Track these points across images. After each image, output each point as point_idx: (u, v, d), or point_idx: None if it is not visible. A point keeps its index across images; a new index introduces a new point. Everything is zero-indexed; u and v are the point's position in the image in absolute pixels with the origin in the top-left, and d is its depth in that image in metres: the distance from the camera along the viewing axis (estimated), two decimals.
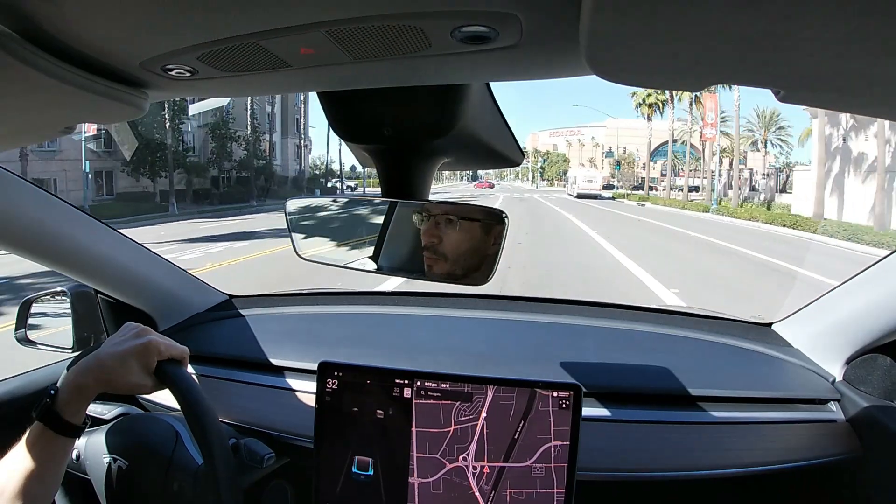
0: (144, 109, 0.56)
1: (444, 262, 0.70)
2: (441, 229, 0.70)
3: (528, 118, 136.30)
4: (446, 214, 0.70)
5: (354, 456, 0.86)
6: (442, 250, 0.70)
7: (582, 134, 76.49)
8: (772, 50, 0.33)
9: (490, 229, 0.68)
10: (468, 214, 0.71)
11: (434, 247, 0.70)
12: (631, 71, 0.40)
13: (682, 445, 0.91)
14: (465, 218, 0.70)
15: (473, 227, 0.70)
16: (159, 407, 1.07)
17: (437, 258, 0.70)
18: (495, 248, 0.66)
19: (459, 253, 0.70)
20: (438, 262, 0.70)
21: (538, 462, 0.82)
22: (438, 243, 0.70)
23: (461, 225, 0.70)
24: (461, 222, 0.70)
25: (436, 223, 0.70)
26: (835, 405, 0.96)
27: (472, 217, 0.71)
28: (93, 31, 0.41)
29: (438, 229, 0.70)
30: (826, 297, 1.03)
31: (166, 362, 0.76)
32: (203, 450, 0.72)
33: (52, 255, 0.98)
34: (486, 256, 0.68)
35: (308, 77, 0.52)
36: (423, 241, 0.71)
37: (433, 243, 0.70)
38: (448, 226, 0.70)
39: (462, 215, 0.70)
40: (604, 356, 1.08)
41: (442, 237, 0.70)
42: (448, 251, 0.70)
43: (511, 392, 0.83)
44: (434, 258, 0.70)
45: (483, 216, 0.69)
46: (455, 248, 0.70)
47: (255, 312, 1.29)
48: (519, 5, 0.36)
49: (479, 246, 0.69)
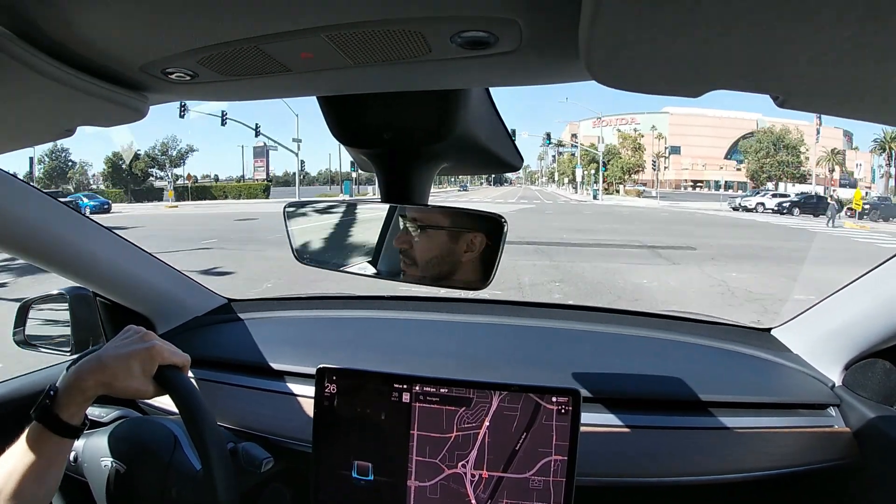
0: (144, 113, 0.56)
1: (416, 268, 0.70)
2: (411, 235, 0.70)
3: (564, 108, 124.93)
4: (414, 220, 0.70)
5: (354, 460, 0.86)
6: (412, 255, 0.70)
7: (638, 122, 58.26)
8: (771, 56, 0.33)
9: (461, 235, 0.68)
10: (424, 215, 0.70)
11: (406, 252, 0.70)
12: (630, 77, 0.40)
13: (681, 450, 0.90)
14: (433, 226, 0.70)
15: (440, 234, 0.70)
16: (157, 410, 1.07)
17: (409, 262, 0.70)
18: (493, 253, 0.65)
19: (428, 260, 0.70)
20: (410, 267, 0.70)
21: (537, 475, 0.81)
22: (409, 248, 0.70)
23: (428, 232, 0.70)
24: (428, 230, 0.70)
25: (407, 230, 0.70)
26: (834, 410, 0.96)
27: (462, 225, 0.69)
28: (93, 33, 0.42)
29: (408, 235, 0.69)
30: (825, 302, 1.03)
31: (167, 368, 0.76)
32: (202, 458, 0.72)
33: (50, 257, 0.98)
34: (457, 262, 0.68)
35: (308, 81, 0.52)
36: (395, 244, 0.71)
37: (405, 248, 0.70)
38: (420, 232, 0.70)
39: (418, 217, 0.70)
40: (603, 361, 1.07)
41: (412, 243, 0.70)
42: (418, 254, 0.70)
43: (516, 402, 0.82)
44: (407, 262, 0.70)
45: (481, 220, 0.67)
46: (423, 254, 0.70)
47: (254, 316, 1.29)
48: (518, 11, 0.36)
49: (448, 253, 0.69)
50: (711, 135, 53.49)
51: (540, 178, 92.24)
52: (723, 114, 49.63)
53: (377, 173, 0.71)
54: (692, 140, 56.21)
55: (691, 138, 56.50)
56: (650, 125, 56.54)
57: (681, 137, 57.11)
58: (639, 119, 58.27)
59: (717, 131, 51.84)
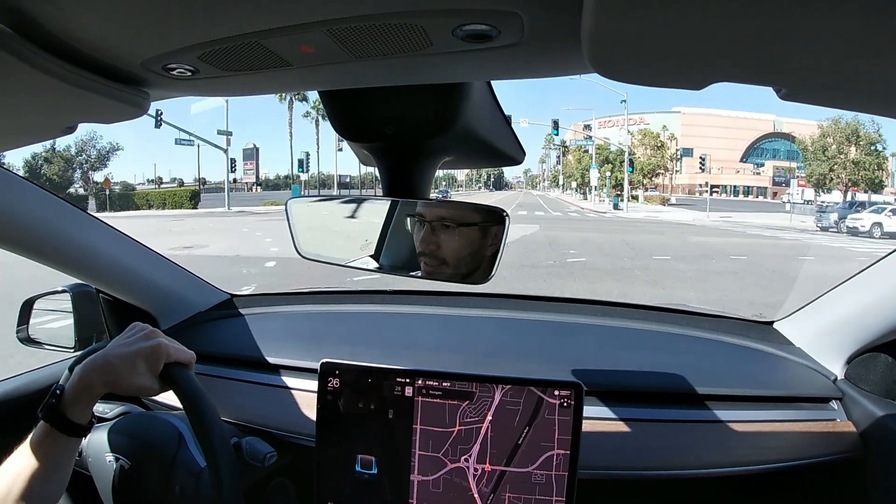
0: (145, 109, 0.56)
1: (447, 267, 0.69)
2: (438, 235, 0.68)
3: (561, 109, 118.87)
4: (442, 220, 0.69)
5: (357, 454, 0.86)
6: (441, 255, 0.69)
7: (647, 122, 53.27)
8: (774, 48, 0.33)
9: (488, 229, 0.67)
10: (467, 218, 0.70)
11: (433, 252, 0.69)
12: (632, 69, 0.39)
13: (683, 444, 0.91)
14: (464, 224, 0.69)
15: (472, 231, 0.69)
16: (161, 406, 1.08)
17: (438, 263, 0.69)
18: (495, 248, 0.66)
19: (460, 258, 0.69)
20: (440, 267, 0.69)
21: (539, 469, 0.82)
22: (437, 249, 0.69)
23: (459, 230, 0.69)
24: (459, 228, 0.69)
25: (432, 229, 0.69)
26: (836, 404, 0.96)
27: (470, 221, 0.69)
28: (94, 30, 0.41)
29: (436, 235, 0.69)
30: (827, 295, 1.02)
31: (173, 365, 0.75)
32: (207, 457, 0.72)
33: (53, 254, 0.98)
34: (485, 257, 0.67)
35: (309, 76, 0.52)
36: (421, 247, 0.70)
37: (431, 250, 0.69)
38: (445, 231, 0.69)
39: (460, 221, 0.69)
40: (606, 355, 1.08)
41: (440, 244, 0.69)
42: (448, 256, 0.69)
43: (518, 396, 0.83)
44: (435, 263, 0.69)
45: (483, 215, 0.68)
46: (455, 253, 0.69)
47: (256, 311, 1.29)
48: (520, 4, 0.36)
49: (479, 249, 0.68)
50: (725, 136, 49.86)
51: (541, 182, 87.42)
52: (736, 114, 45.72)
53: (379, 167, 0.71)
54: (705, 142, 51.55)
55: (704, 140, 52.10)
56: (660, 125, 51.51)
57: (693, 139, 52.23)
58: (647, 119, 53.51)
59: (732, 132, 47.83)
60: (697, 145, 50.11)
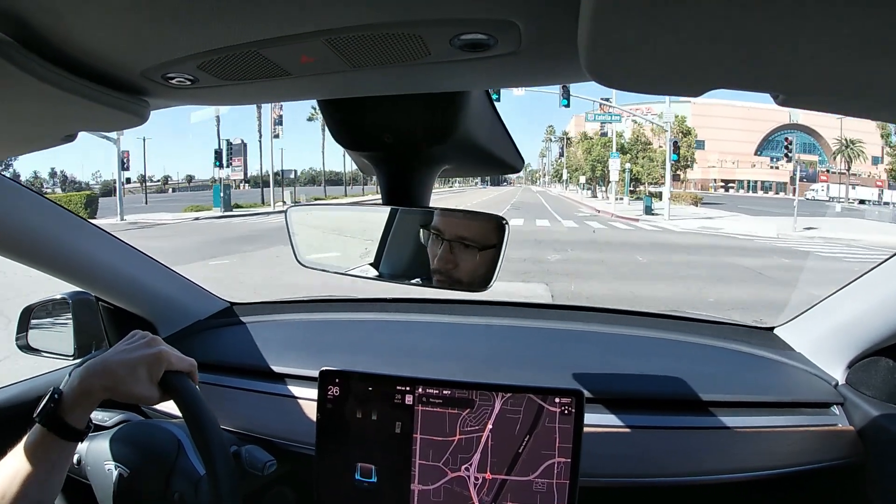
0: (145, 118, 0.56)
1: (460, 284, 0.69)
2: (457, 255, 0.68)
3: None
4: (463, 240, 0.68)
5: (357, 463, 0.85)
6: (457, 275, 0.69)
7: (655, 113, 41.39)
8: (772, 54, 0.33)
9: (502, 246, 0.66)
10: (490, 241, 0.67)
11: (449, 272, 0.69)
12: (630, 77, 0.40)
13: (685, 450, 0.90)
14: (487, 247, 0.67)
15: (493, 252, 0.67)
16: (160, 414, 1.07)
17: (452, 280, 0.69)
18: (496, 255, 0.65)
19: (475, 277, 0.68)
20: (454, 284, 0.69)
21: (540, 477, 0.81)
22: (454, 269, 0.69)
23: (482, 254, 0.67)
24: (480, 252, 0.67)
25: (450, 247, 0.68)
26: (838, 409, 0.96)
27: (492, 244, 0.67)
28: (93, 39, 0.42)
29: (454, 254, 0.68)
30: (828, 300, 1.02)
31: (172, 373, 0.75)
32: (206, 465, 0.71)
33: (52, 262, 0.98)
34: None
35: (308, 85, 0.53)
36: (438, 265, 0.69)
37: (448, 269, 0.69)
38: (465, 251, 0.68)
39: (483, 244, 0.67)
40: (606, 362, 1.07)
41: (458, 262, 0.68)
42: (463, 276, 0.68)
43: (519, 404, 0.82)
44: (449, 280, 0.69)
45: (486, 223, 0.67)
46: (471, 272, 0.68)
47: (256, 319, 1.29)
48: (517, 13, 0.36)
49: (493, 267, 0.67)
50: (740, 128, 45.44)
51: (542, 177, 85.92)
52: (751, 104, 41.57)
53: (378, 176, 0.71)
54: (718, 133, 47.07)
55: (717, 131, 47.27)
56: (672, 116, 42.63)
57: (705, 130, 46.19)
58: (656, 109, 41.27)
59: (746, 124, 43.68)
60: (710, 137, 46.53)
